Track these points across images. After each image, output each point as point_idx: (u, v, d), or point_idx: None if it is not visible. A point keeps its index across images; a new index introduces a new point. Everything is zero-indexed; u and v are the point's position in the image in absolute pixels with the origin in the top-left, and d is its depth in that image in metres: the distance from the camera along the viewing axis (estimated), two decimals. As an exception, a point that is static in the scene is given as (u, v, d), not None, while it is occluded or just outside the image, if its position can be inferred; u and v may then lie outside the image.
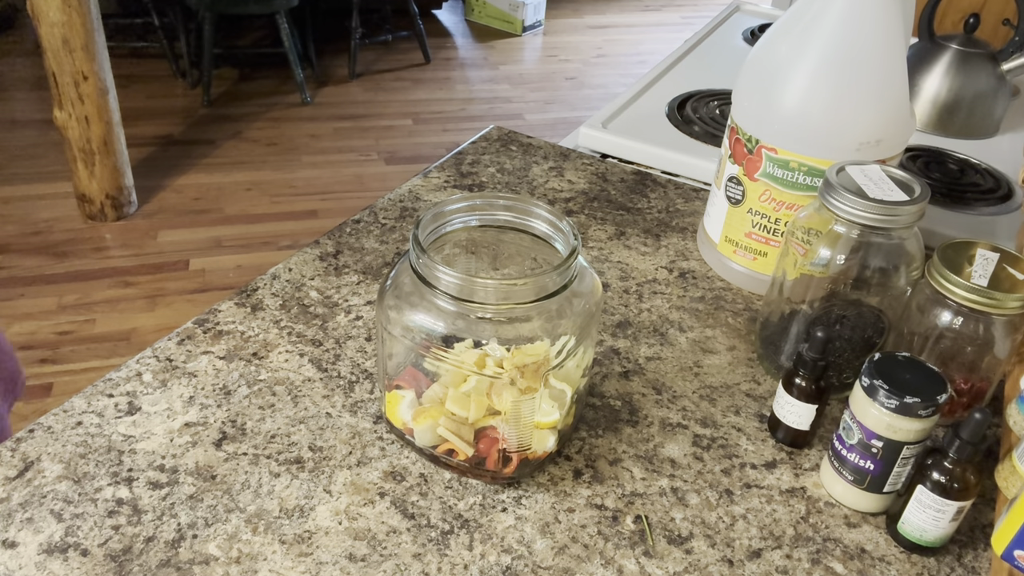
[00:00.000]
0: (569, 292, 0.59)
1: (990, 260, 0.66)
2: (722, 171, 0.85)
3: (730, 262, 0.87)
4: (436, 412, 0.61)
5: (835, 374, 0.71)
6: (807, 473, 0.67)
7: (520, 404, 0.58)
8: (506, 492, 0.63)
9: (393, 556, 0.58)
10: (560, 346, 0.58)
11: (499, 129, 1.16)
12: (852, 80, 0.74)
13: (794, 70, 0.76)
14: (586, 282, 0.61)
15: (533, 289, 0.56)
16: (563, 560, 0.58)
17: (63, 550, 0.56)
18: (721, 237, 0.86)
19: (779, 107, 0.77)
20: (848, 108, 0.75)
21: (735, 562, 0.59)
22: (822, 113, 0.75)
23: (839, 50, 0.74)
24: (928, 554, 0.61)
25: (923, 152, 1.20)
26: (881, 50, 0.74)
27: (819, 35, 0.75)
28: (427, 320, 0.58)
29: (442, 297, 0.57)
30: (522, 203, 0.63)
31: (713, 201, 0.88)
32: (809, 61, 0.75)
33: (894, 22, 0.73)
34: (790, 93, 0.76)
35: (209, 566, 0.56)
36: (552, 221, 0.62)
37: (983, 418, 0.56)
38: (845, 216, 0.66)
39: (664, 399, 0.73)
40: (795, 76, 0.76)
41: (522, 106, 3.49)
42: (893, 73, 0.75)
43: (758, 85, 0.79)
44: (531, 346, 0.57)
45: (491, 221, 0.64)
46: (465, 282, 0.55)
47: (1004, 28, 1.35)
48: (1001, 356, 0.67)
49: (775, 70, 0.77)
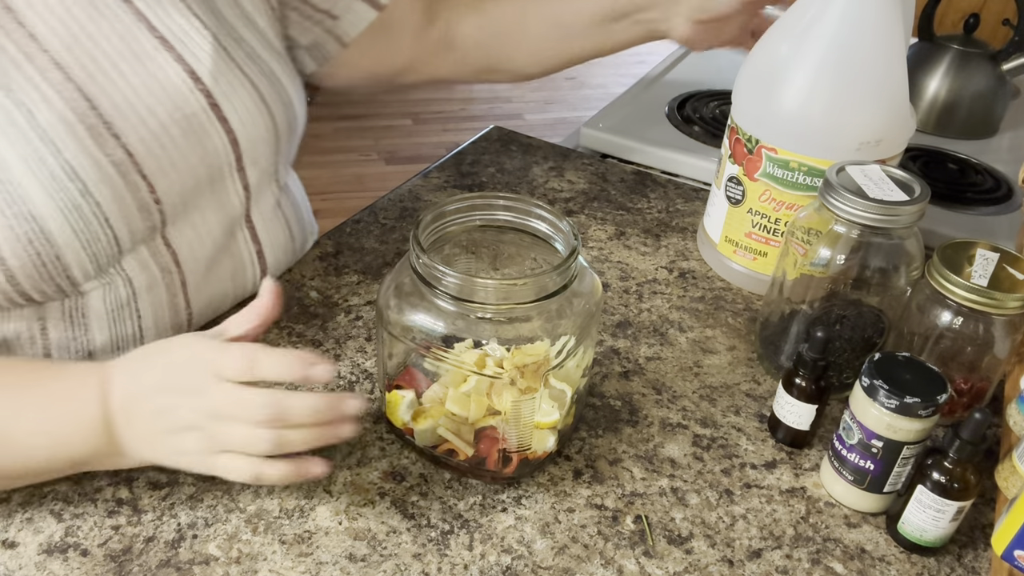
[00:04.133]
0: (569, 292, 0.59)
1: (990, 260, 0.66)
2: (722, 171, 0.85)
3: (730, 262, 0.87)
4: (436, 412, 0.61)
5: (835, 374, 0.71)
6: (807, 473, 0.67)
7: (520, 404, 0.58)
8: (506, 492, 0.63)
9: (393, 556, 0.58)
10: (560, 346, 0.58)
11: (499, 129, 1.16)
12: (852, 80, 0.74)
13: (794, 70, 0.76)
14: (586, 282, 0.61)
15: (533, 289, 0.56)
16: (563, 560, 0.58)
17: (63, 550, 0.56)
18: (721, 237, 0.86)
19: (779, 107, 0.77)
20: (849, 108, 0.75)
21: (735, 562, 0.59)
22: (823, 113, 0.75)
23: (839, 50, 0.74)
24: (928, 554, 0.61)
25: (923, 152, 1.20)
26: (881, 49, 0.74)
27: (819, 35, 0.75)
28: (427, 320, 0.58)
29: (442, 297, 0.57)
30: (522, 203, 0.63)
31: (713, 201, 0.88)
32: (809, 61, 0.75)
33: (894, 21, 0.73)
34: (790, 93, 0.76)
35: (209, 566, 0.56)
36: (552, 221, 0.62)
37: (983, 418, 0.56)
38: (845, 216, 0.66)
39: (664, 399, 0.73)
40: (796, 76, 0.76)
41: (522, 106, 3.49)
42: (893, 72, 0.75)
43: (758, 85, 0.79)
44: (531, 346, 0.57)
45: (491, 221, 0.64)
46: (465, 282, 0.55)
47: (1004, 28, 1.35)
48: (1001, 356, 0.67)
49: (775, 70, 0.77)
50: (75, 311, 0.64)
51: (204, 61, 0.66)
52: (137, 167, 0.62)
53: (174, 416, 0.54)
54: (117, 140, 0.61)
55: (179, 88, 0.64)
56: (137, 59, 0.63)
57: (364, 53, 0.84)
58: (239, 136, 0.68)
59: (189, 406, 0.53)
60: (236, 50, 0.69)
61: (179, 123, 0.64)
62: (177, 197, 0.65)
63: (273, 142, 0.72)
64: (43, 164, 0.57)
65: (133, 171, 0.62)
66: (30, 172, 0.57)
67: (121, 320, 0.66)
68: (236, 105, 0.68)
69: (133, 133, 0.61)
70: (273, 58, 0.73)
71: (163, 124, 0.63)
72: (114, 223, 0.61)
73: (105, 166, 0.60)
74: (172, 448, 0.55)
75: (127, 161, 0.61)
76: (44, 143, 0.57)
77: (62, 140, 0.58)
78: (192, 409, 0.53)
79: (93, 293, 0.63)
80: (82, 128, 0.59)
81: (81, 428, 0.55)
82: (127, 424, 0.55)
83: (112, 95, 0.61)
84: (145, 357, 0.56)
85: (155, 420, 0.54)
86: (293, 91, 0.74)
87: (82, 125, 0.59)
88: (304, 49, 0.83)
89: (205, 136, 0.66)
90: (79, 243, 0.59)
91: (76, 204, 0.58)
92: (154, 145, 0.63)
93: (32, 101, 0.58)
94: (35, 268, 0.58)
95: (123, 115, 0.61)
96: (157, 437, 0.55)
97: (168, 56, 0.64)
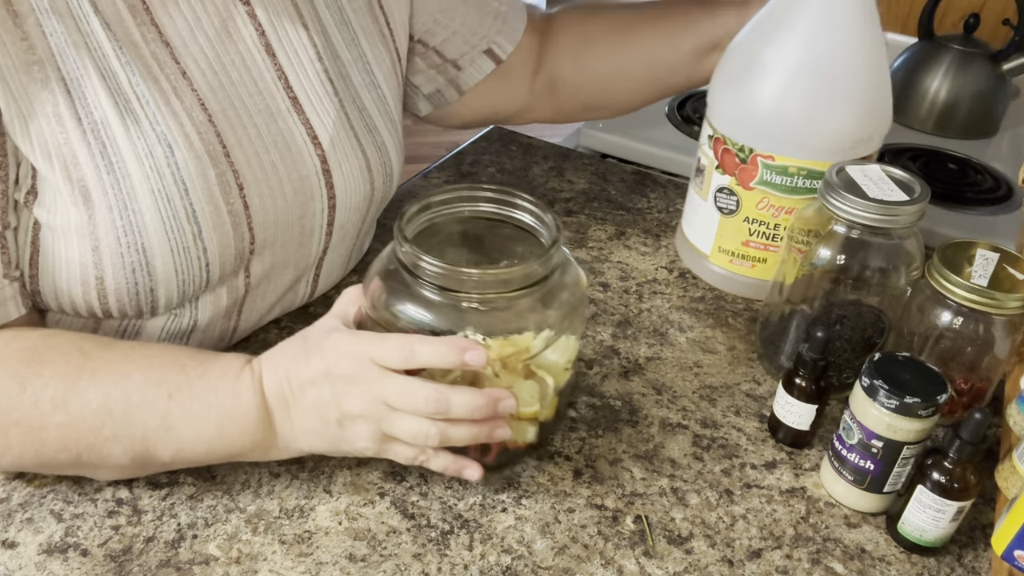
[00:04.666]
0: (552, 283, 0.59)
1: (990, 260, 0.66)
2: (707, 182, 0.83)
3: (725, 271, 0.85)
4: None
5: (835, 374, 0.71)
6: (807, 473, 0.67)
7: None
8: (506, 492, 0.63)
9: (393, 556, 0.58)
10: (543, 337, 0.58)
11: (499, 129, 1.16)
12: (840, 79, 0.74)
13: (784, 76, 0.75)
14: (570, 274, 0.61)
15: (516, 278, 0.56)
16: (563, 560, 0.58)
17: (63, 550, 0.56)
18: (713, 248, 0.85)
19: (776, 115, 0.76)
20: (841, 107, 0.75)
21: (735, 562, 0.59)
22: (821, 116, 0.75)
23: (821, 53, 0.74)
24: (928, 554, 0.61)
25: (923, 152, 1.20)
26: (863, 44, 0.74)
27: (798, 40, 0.74)
28: (413, 311, 0.58)
29: (426, 287, 0.56)
30: (507, 195, 0.63)
31: (697, 212, 0.86)
32: (797, 66, 0.75)
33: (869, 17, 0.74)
34: (785, 100, 0.75)
35: (209, 566, 0.56)
36: (537, 213, 0.62)
37: (983, 418, 0.56)
38: (845, 216, 0.66)
39: (664, 399, 0.73)
40: (786, 82, 0.75)
41: (522, 106, 3.48)
42: (879, 66, 0.76)
43: (742, 93, 0.78)
44: (514, 337, 0.57)
45: (477, 213, 0.64)
46: (448, 271, 0.55)
47: (1004, 28, 1.35)
48: (1001, 356, 0.67)
49: (763, 78, 0.76)
50: (129, 331, 0.64)
51: (327, 126, 0.67)
52: (248, 219, 0.62)
53: (343, 405, 0.55)
54: (240, 191, 0.61)
55: (301, 149, 0.65)
56: (271, 115, 0.64)
57: (479, 100, 0.87)
58: (339, 202, 0.69)
59: (357, 394, 0.54)
60: (357, 119, 0.70)
61: (294, 183, 0.65)
62: (268, 250, 0.66)
63: (365, 210, 0.73)
64: (169, 202, 0.58)
65: (244, 223, 0.62)
66: (155, 207, 0.57)
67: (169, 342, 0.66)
68: (345, 172, 0.69)
69: (255, 187, 0.62)
70: (387, 129, 0.74)
71: (281, 181, 0.64)
72: (212, 268, 0.62)
73: (223, 214, 0.61)
74: (339, 436, 0.56)
75: (242, 212, 0.62)
76: (176, 182, 0.58)
77: (192, 181, 0.59)
78: (360, 397, 0.54)
79: (159, 319, 0.64)
80: (213, 173, 0.60)
81: (240, 422, 0.56)
82: (286, 416, 0.56)
83: (245, 146, 0.62)
84: (294, 350, 0.57)
85: (321, 410, 0.55)
86: (396, 163, 0.76)
87: (214, 170, 0.60)
88: (424, 96, 0.86)
89: (311, 198, 0.67)
90: (176, 281, 0.60)
91: (187, 246, 0.59)
92: (268, 200, 0.63)
93: (174, 137, 0.58)
94: (128, 294, 0.59)
95: (251, 168, 0.62)
96: (323, 426, 0.56)
97: (297, 118, 0.65)
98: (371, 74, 0.74)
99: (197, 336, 0.67)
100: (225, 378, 0.56)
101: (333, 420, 0.55)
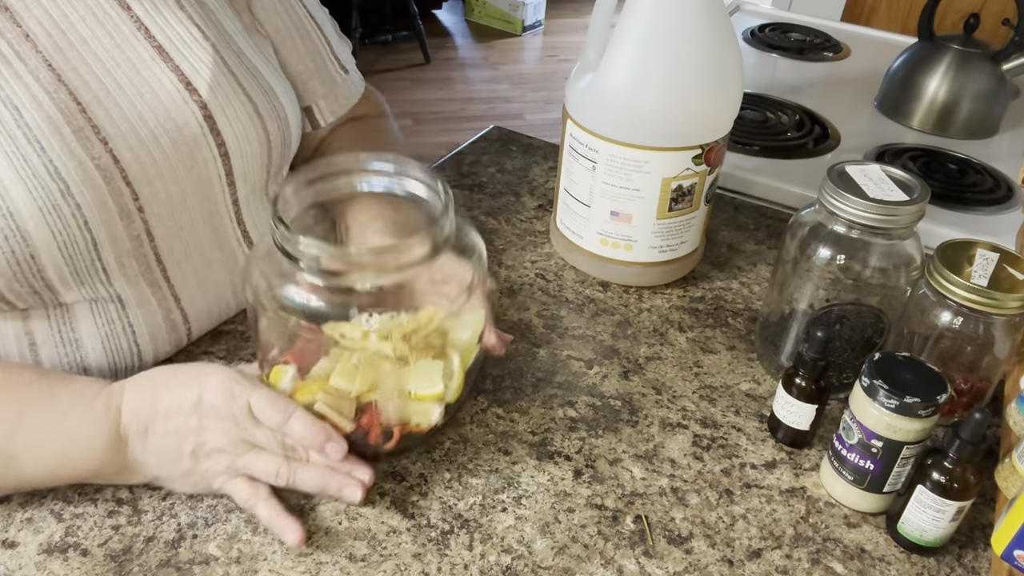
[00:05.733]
0: (446, 257, 0.56)
1: (990, 260, 0.66)
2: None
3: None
4: (315, 387, 0.59)
5: (835, 374, 0.71)
6: (807, 473, 0.67)
7: (392, 375, 0.57)
8: (506, 492, 0.63)
9: (393, 556, 0.58)
10: (436, 313, 0.56)
11: (499, 129, 1.16)
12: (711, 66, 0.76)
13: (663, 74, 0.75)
14: (467, 244, 0.59)
15: (405, 253, 0.54)
16: (563, 560, 0.58)
17: (63, 550, 0.56)
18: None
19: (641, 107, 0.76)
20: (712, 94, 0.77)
21: (735, 562, 0.59)
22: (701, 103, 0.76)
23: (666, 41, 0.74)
24: (928, 554, 0.61)
25: (923, 152, 1.20)
26: (707, 28, 0.75)
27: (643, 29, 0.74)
28: (297, 295, 0.55)
29: (308, 271, 0.54)
30: (395, 164, 0.61)
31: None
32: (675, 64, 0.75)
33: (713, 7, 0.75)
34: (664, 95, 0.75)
35: (209, 566, 0.56)
36: (426, 181, 0.60)
37: (983, 418, 0.56)
38: (845, 216, 0.66)
39: (664, 399, 0.73)
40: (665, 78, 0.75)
41: (522, 106, 3.49)
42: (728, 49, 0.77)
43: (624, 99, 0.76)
44: (403, 315, 0.55)
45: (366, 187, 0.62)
46: (328, 252, 0.52)
47: (1004, 28, 1.35)
48: (1001, 356, 0.67)
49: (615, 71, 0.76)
50: (63, 326, 0.64)
51: (202, 72, 0.66)
52: (122, 173, 0.61)
53: (204, 437, 0.57)
54: (104, 145, 0.60)
55: (173, 98, 0.64)
56: (132, 67, 0.63)
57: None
58: (231, 150, 0.68)
59: (221, 430, 0.57)
60: (236, 63, 0.69)
61: (170, 132, 0.64)
62: (163, 207, 0.65)
63: (265, 157, 0.71)
64: (26, 162, 0.57)
65: (118, 177, 0.61)
66: (12, 168, 0.57)
67: (114, 336, 0.66)
68: (231, 118, 0.67)
69: (121, 139, 0.61)
70: (271, 73, 0.73)
71: (153, 132, 0.63)
72: (94, 227, 0.61)
73: (89, 168, 0.60)
74: (190, 468, 0.58)
75: (112, 166, 0.61)
76: (29, 141, 0.58)
77: (47, 139, 0.58)
78: (225, 433, 0.57)
79: (79, 307, 0.63)
80: (69, 129, 0.59)
81: (88, 445, 0.56)
82: (142, 441, 0.57)
83: (103, 100, 0.61)
84: (174, 371, 0.59)
85: (180, 439, 0.57)
86: (289, 107, 0.74)
87: (69, 127, 0.59)
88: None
89: (196, 148, 0.65)
90: (56, 244, 0.59)
91: (56, 204, 0.58)
92: (141, 152, 0.62)
93: (20, 99, 0.58)
94: (8, 266, 0.58)
95: (113, 120, 0.61)
96: (175, 455, 0.57)
97: (164, 65, 0.64)
98: (243, 21, 0.73)
99: (143, 326, 0.67)
100: (73, 401, 0.57)
101: (187, 452, 0.57)
